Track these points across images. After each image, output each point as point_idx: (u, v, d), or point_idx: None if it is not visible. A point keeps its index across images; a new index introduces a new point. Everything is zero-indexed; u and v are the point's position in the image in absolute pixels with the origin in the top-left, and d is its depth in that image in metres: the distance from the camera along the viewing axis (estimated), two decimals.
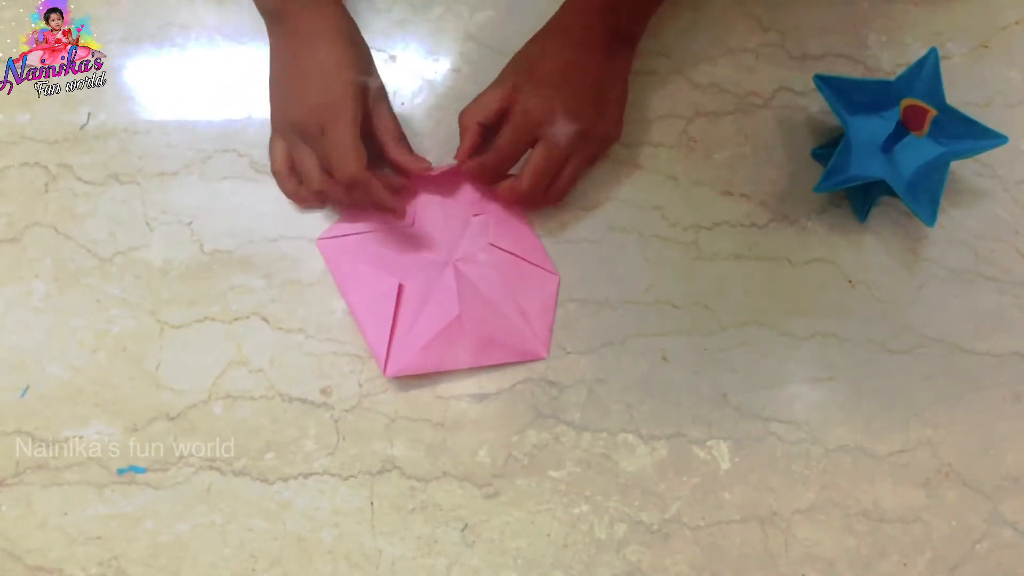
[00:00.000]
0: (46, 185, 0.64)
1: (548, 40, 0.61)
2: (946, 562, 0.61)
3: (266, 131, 0.64)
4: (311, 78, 0.57)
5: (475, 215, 0.63)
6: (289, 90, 0.59)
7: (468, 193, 0.64)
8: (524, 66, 0.61)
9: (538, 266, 0.63)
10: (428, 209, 0.64)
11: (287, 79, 0.60)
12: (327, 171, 0.58)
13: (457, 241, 0.63)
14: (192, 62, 0.66)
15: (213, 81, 0.65)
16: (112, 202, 0.64)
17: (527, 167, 0.60)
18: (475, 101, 0.61)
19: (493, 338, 0.62)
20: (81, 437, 0.61)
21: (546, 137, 0.60)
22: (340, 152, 0.56)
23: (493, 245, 0.63)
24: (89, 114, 0.65)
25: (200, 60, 0.66)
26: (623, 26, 0.61)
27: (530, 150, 0.60)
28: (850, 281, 0.64)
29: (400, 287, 0.62)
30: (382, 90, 0.63)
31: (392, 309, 0.61)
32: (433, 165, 0.62)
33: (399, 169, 0.62)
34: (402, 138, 0.63)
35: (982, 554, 0.61)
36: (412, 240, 0.63)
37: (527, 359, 0.62)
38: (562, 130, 0.59)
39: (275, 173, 0.63)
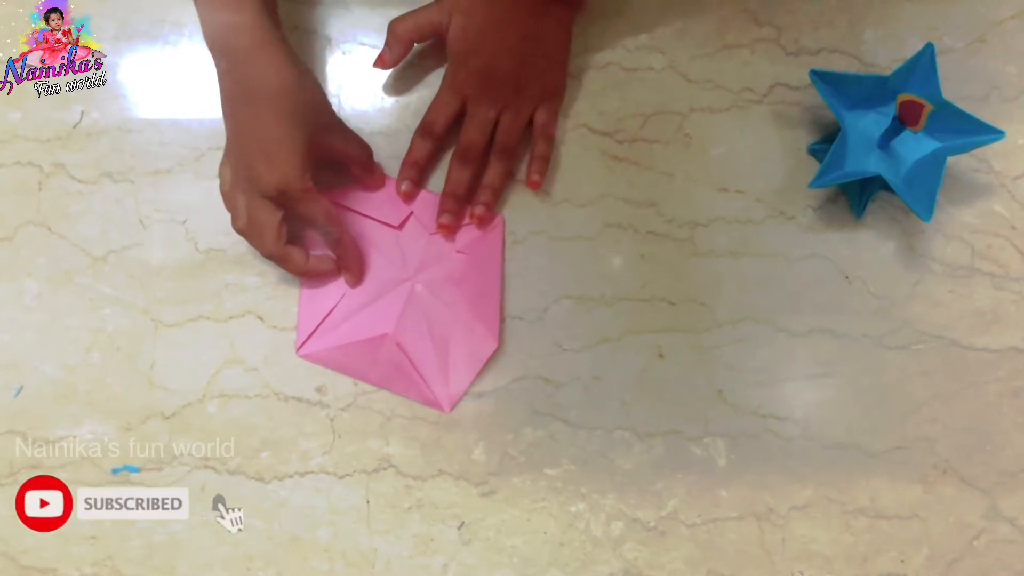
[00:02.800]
0: (39, 184, 0.64)
1: None
2: (944, 558, 0.61)
3: None
4: (258, 147, 0.56)
5: (458, 251, 0.63)
6: (238, 154, 0.58)
7: (463, 233, 0.63)
8: (462, 7, 0.61)
9: (484, 326, 0.61)
10: (418, 224, 0.63)
11: (238, 139, 0.58)
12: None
13: (428, 264, 0.63)
14: (185, 59, 0.66)
15: (205, 79, 0.65)
16: (105, 200, 0.64)
17: (463, 126, 0.62)
18: (412, 17, 0.62)
19: (406, 372, 0.61)
20: (75, 437, 0.61)
21: (471, 100, 0.61)
22: (260, 231, 0.58)
23: (460, 252, 0.62)
24: (82, 112, 0.65)
25: (193, 57, 0.66)
26: None
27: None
28: (846, 277, 0.63)
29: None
30: (330, 116, 0.61)
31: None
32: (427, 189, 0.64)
33: (364, 188, 0.63)
34: (360, 159, 0.62)
35: (980, 550, 0.61)
36: (370, 289, 0.62)
37: (428, 406, 0.61)
38: (486, 97, 0.61)
39: (235, 227, 0.60)
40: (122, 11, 0.66)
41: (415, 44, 0.63)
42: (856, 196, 0.64)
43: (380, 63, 0.63)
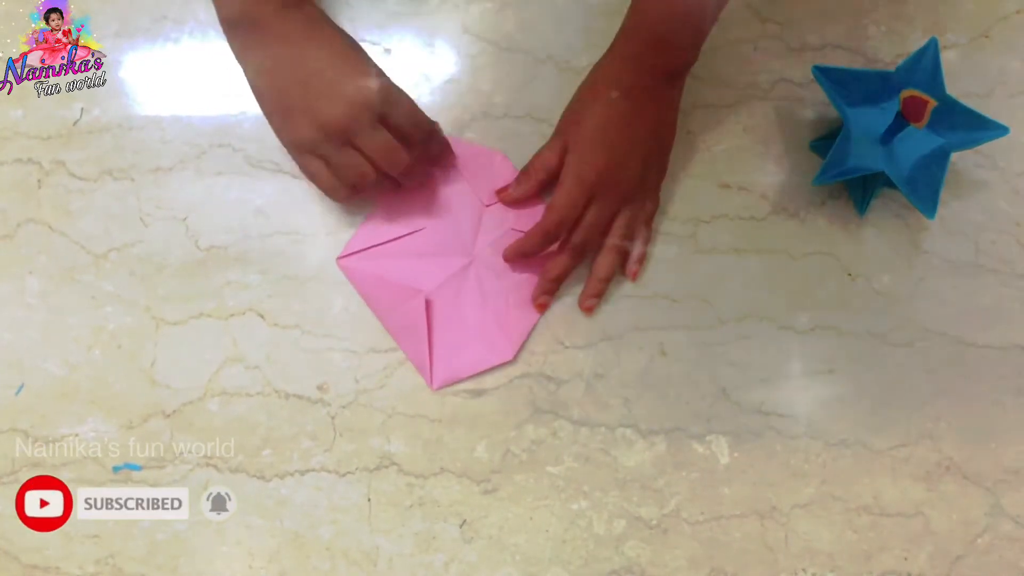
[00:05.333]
0: (39, 181, 0.64)
1: (597, 91, 0.59)
2: (947, 556, 0.61)
3: (261, 126, 0.63)
4: (328, 84, 0.55)
5: (487, 205, 0.63)
6: (305, 101, 0.55)
7: (480, 183, 0.63)
8: (575, 119, 0.60)
9: (511, 335, 0.62)
10: (442, 207, 0.63)
11: (296, 91, 0.56)
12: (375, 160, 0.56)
13: (474, 235, 0.63)
14: (186, 57, 0.65)
15: (207, 76, 0.65)
16: (106, 198, 0.63)
17: (579, 225, 0.60)
18: (534, 159, 0.62)
19: (419, 334, 0.61)
20: (77, 435, 0.61)
21: (601, 198, 0.59)
22: (387, 149, 0.56)
23: (515, 229, 0.62)
24: (82, 110, 0.64)
25: (194, 55, 0.65)
26: (675, 63, 0.59)
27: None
28: (850, 274, 0.63)
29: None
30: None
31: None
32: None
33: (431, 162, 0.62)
34: (425, 128, 0.60)
35: (983, 548, 0.61)
36: (431, 243, 0.63)
37: (419, 373, 0.61)
38: (617, 191, 0.59)
39: (329, 191, 0.58)
40: (123, 8, 0.66)
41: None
42: (859, 193, 0.63)
43: (504, 197, 0.63)
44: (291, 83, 0.56)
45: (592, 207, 0.59)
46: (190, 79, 0.65)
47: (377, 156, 0.56)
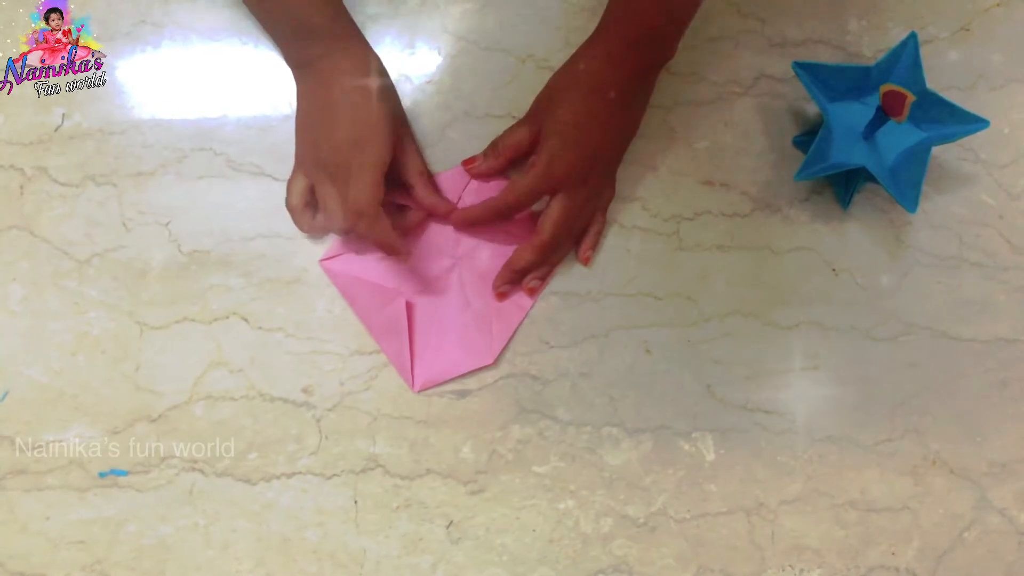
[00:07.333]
0: (21, 187, 0.63)
1: (577, 84, 0.59)
2: (934, 550, 0.61)
3: (242, 129, 0.64)
4: (342, 114, 0.57)
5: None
6: (319, 127, 0.58)
7: (467, 194, 0.63)
8: (551, 107, 0.59)
9: (491, 340, 0.62)
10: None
11: (316, 117, 0.58)
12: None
13: (458, 238, 0.63)
14: (166, 60, 0.65)
15: (188, 79, 0.65)
16: (88, 203, 0.63)
17: (546, 217, 0.60)
18: (505, 135, 0.62)
19: (400, 336, 0.61)
20: (61, 441, 0.61)
21: (568, 191, 0.59)
22: (358, 184, 0.55)
23: (489, 286, 0.62)
24: (63, 115, 0.64)
25: (174, 58, 0.65)
26: (654, 59, 0.59)
27: (547, 198, 0.60)
28: (834, 269, 0.63)
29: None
30: (407, 125, 0.62)
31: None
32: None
33: (423, 208, 0.61)
34: (428, 175, 0.62)
35: (970, 541, 0.61)
36: (414, 245, 0.62)
37: (400, 374, 0.61)
38: (585, 187, 0.60)
39: (290, 208, 0.61)
40: (102, 12, 0.66)
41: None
42: (842, 188, 0.63)
43: (473, 171, 0.63)
44: (317, 109, 0.59)
45: (559, 200, 0.59)
46: (170, 83, 0.65)
47: (348, 201, 0.57)
